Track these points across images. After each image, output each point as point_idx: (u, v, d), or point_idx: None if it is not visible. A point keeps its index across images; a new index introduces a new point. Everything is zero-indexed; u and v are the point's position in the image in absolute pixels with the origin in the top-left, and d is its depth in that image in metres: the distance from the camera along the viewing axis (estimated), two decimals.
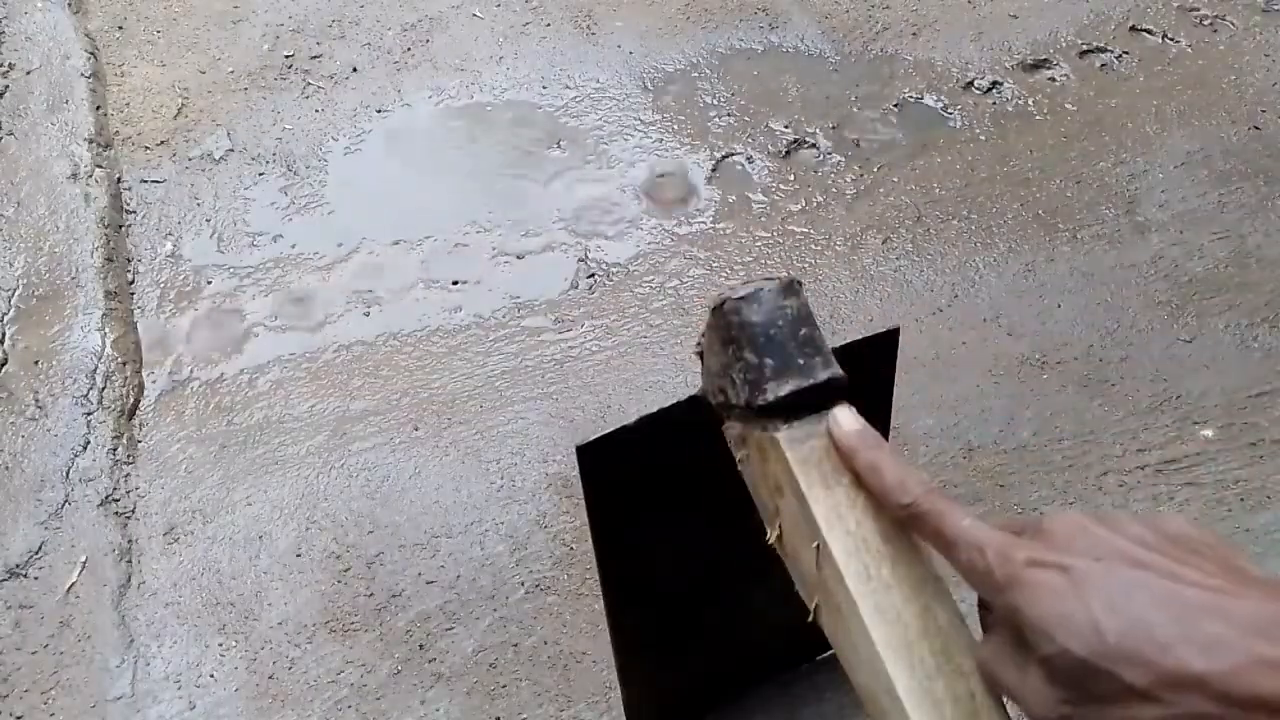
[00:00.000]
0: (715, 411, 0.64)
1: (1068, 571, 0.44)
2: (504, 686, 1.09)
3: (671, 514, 0.78)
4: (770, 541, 0.60)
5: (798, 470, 0.56)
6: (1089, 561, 0.44)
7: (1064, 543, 0.45)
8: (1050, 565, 0.44)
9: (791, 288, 0.59)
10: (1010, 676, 0.47)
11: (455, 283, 1.51)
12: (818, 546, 0.54)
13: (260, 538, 1.21)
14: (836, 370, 0.58)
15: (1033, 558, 0.45)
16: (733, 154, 1.70)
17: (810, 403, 0.57)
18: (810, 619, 0.57)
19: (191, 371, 1.39)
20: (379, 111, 1.77)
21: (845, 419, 0.56)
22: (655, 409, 0.69)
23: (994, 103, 1.79)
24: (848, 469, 0.55)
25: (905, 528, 0.52)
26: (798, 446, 0.56)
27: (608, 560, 0.79)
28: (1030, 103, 1.79)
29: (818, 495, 0.55)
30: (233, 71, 1.84)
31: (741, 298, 0.59)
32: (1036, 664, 0.45)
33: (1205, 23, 1.94)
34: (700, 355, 0.65)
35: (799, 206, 1.62)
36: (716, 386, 0.62)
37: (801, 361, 0.57)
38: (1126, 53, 1.88)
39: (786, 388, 0.57)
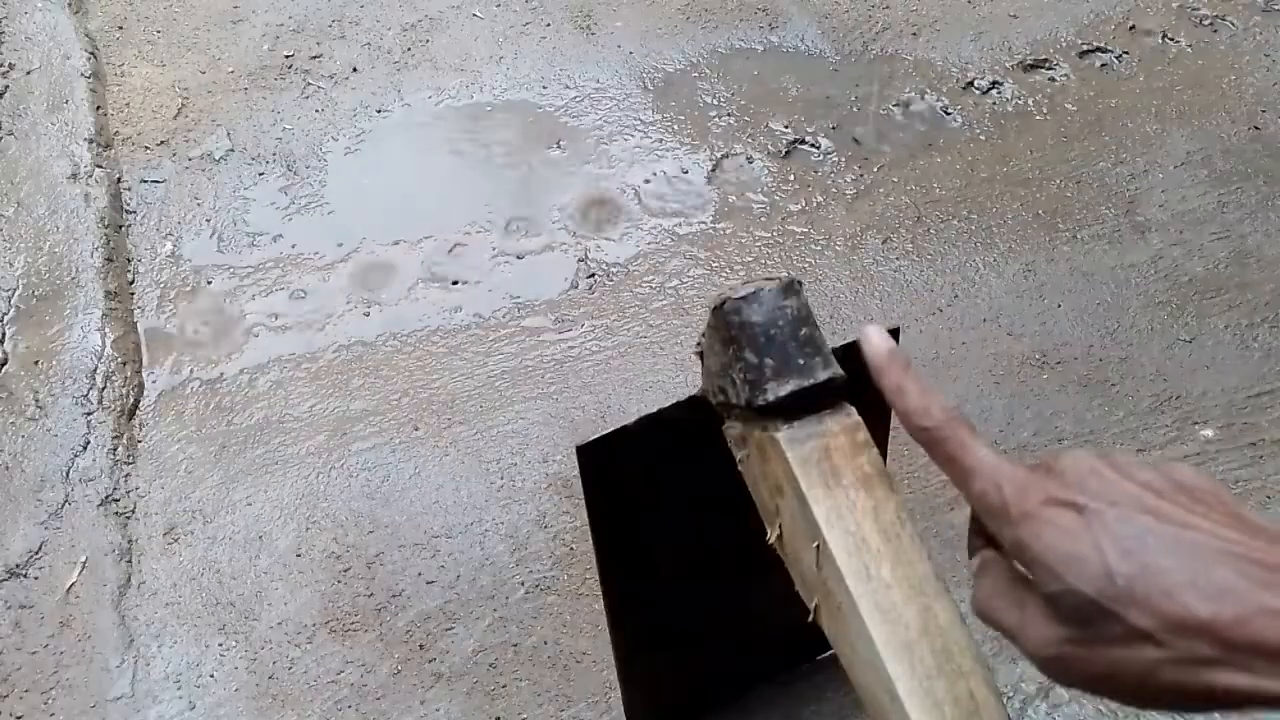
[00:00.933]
0: (716, 411, 0.64)
1: (1082, 512, 0.44)
2: (504, 686, 1.09)
3: (672, 514, 0.78)
4: (770, 541, 0.60)
5: (798, 470, 0.56)
6: (1103, 504, 0.44)
7: (1077, 482, 0.45)
8: (1065, 504, 0.45)
9: (792, 288, 0.59)
10: (1008, 614, 0.47)
11: (455, 283, 1.51)
12: (818, 546, 0.54)
13: (260, 538, 1.21)
14: (837, 370, 0.58)
15: (1049, 495, 0.45)
16: (733, 154, 1.70)
17: (810, 403, 0.57)
18: (810, 619, 0.57)
19: (191, 371, 1.39)
20: (379, 111, 1.77)
21: (876, 337, 0.55)
22: (655, 409, 0.69)
23: (994, 103, 1.79)
24: (880, 386, 0.53)
25: (925, 450, 0.51)
26: (798, 446, 0.56)
27: (608, 560, 0.79)
28: (1030, 103, 1.79)
29: (818, 495, 0.55)
30: (233, 71, 1.84)
31: (742, 298, 0.59)
32: (1040, 601, 0.45)
33: (1205, 23, 1.94)
34: (700, 355, 0.64)
35: (799, 206, 1.62)
36: (717, 386, 0.62)
37: (802, 361, 0.57)
38: (1126, 53, 1.88)
39: (787, 388, 0.57)
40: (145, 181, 1.64)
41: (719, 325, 0.60)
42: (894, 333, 0.60)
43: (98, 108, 1.72)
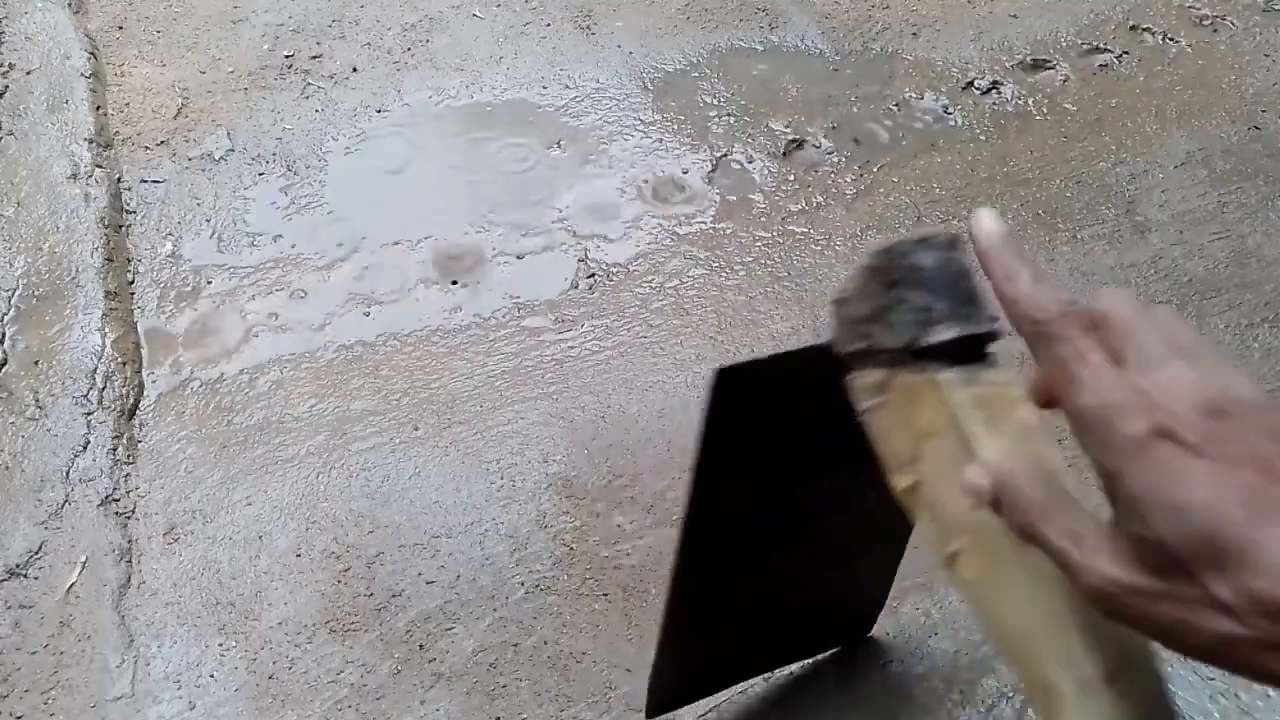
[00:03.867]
0: (840, 362, 0.64)
1: (1197, 457, 0.39)
2: (504, 686, 1.09)
3: (768, 463, 0.78)
4: (900, 489, 0.61)
5: (961, 412, 0.57)
6: (1222, 455, 0.39)
7: (1194, 420, 0.40)
8: (1180, 444, 0.40)
9: (956, 242, 0.61)
10: (1062, 537, 0.43)
11: (455, 283, 1.51)
12: None
13: (260, 538, 1.21)
14: (998, 324, 0.59)
15: (1162, 426, 0.40)
16: (733, 154, 1.70)
17: (971, 352, 0.59)
18: (945, 563, 0.58)
19: (191, 371, 1.39)
20: (379, 111, 1.77)
21: (988, 220, 0.52)
22: (786, 349, 0.70)
23: (994, 103, 1.79)
24: (989, 271, 0.51)
25: (1030, 347, 0.48)
26: (962, 389, 0.57)
27: (701, 496, 0.78)
28: (1030, 103, 1.79)
29: (984, 435, 0.56)
30: (233, 71, 1.84)
31: (916, 241, 0.60)
32: (1113, 536, 0.42)
33: (1205, 23, 1.94)
34: (839, 303, 0.65)
35: (799, 206, 1.62)
36: (861, 332, 0.62)
37: (969, 310, 0.59)
38: (1126, 53, 1.88)
39: (955, 331, 0.58)
40: (145, 181, 1.63)
41: (886, 268, 0.61)
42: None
43: (98, 108, 1.72)
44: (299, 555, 1.20)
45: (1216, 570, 0.38)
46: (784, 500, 0.82)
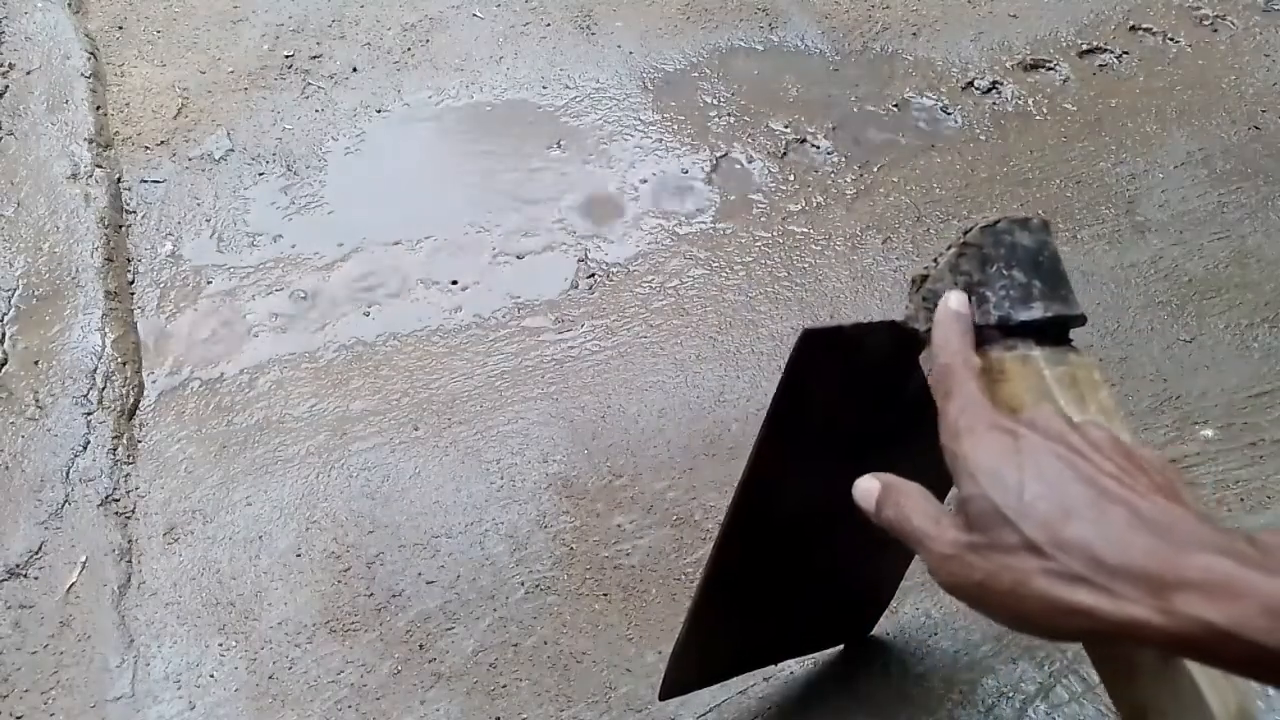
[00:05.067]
0: (914, 340, 0.66)
1: (1016, 439, 0.51)
2: (504, 686, 1.09)
3: (839, 431, 0.78)
4: None
5: (1055, 387, 0.59)
6: (1038, 440, 0.51)
7: (1030, 421, 0.52)
8: (1006, 431, 0.52)
9: (1048, 226, 0.64)
10: (921, 518, 0.53)
11: (455, 283, 1.51)
12: None
13: (260, 538, 1.21)
14: (1082, 311, 0.62)
15: (997, 422, 0.53)
16: (732, 154, 1.70)
17: (1059, 334, 0.62)
18: None
19: (191, 371, 1.39)
20: (379, 111, 1.77)
21: (955, 299, 0.63)
22: (865, 320, 0.71)
23: (994, 103, 1.79)
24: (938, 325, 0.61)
25: (933, 379, 0.59)
26: (1053, 366, 0.59)
27: (764, 463, 0.78)
28: (1030, 103, 1.79)
29: (1073, 412, 0.57)
30: (233, 71, 1.84)
31: (1015, 220, 0.63)
32: (957, 507, 0.51)
33: (1205, 23, 1.94)
34: (919, 280, 0.66)
35: (799, 206, 1.62)
36: None
37: (1061, 292, 0.62)
38: (1126, 53, 1.88)
39: (1052, 310, 0.61)
40: (145, 181, 1.63)
41: (984, 243, 0.63)
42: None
43: (98, 108, 1.72)
44: (299, 555, 1.20)
45: (1026, 516, 0.48)
46: (831, 485, 0.81)
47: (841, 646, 1.09)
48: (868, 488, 0.58)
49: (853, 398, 0.75)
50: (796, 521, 0.85)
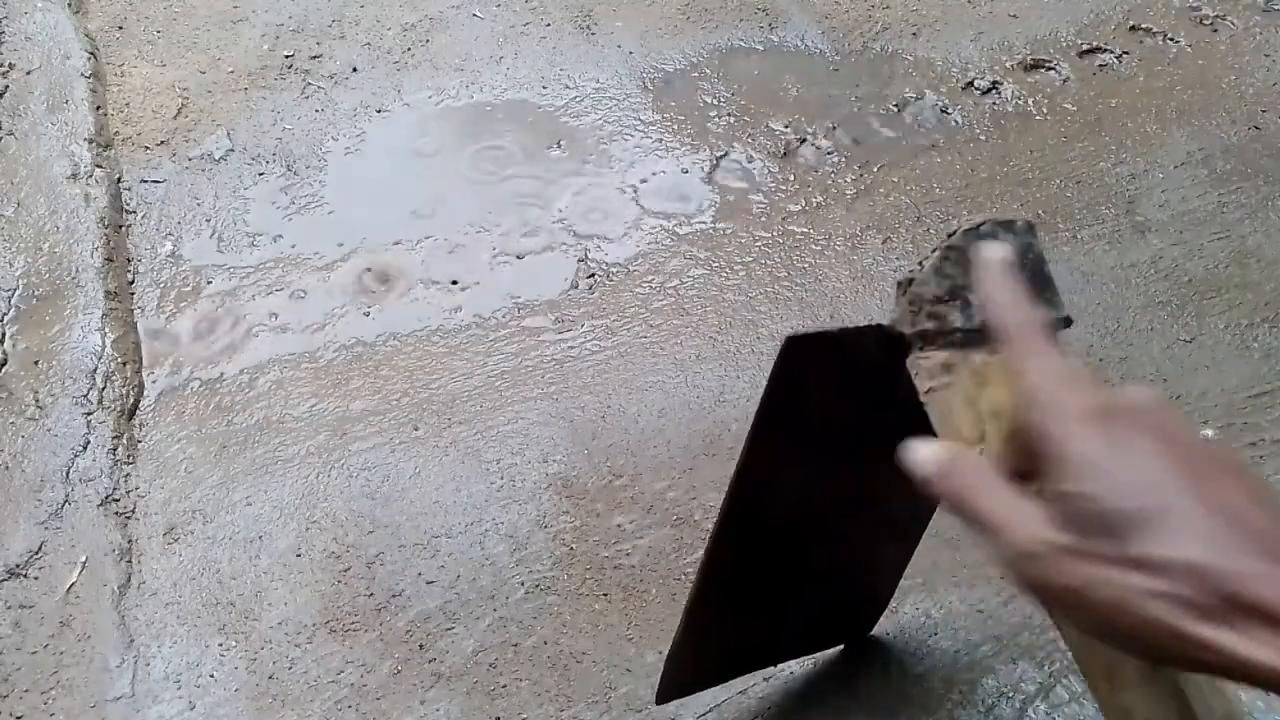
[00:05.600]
0: (902, 343, 0.65)
1: (1136, 434, 0.44)
2: (504, 686, 1.09)
3: (826, 436, 0.78)
4: None
5: None
6: (1160, 439, 0.44)
7: (1140, 410, 0.46)
8: (1120, 422, 0.45)
9: (1033, 228, 0.62)
10: (993, 504, 0.47)
11: (455, 283, 1.51)
12: None
13: (260, 538, 1.21)
14: (1068, 313, 0.61)
15: (1108, 407, 0.46)
16: (732, 154, 1.70)
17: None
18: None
19: (191, 371, 1.39)
20: (379, 111, 1.77)
21: (993, 248, 0.58)
22: (849, 325, 0.70)
23: (994, 103, 1.79)
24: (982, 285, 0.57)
25: (1001, 338, 0.54)
26: None
27: (752, 469, 0.78)
28: (1030, 103, 1.79)
29: None
30: (233, 71, 1.84)
31: (998, 222, 0.61)
32: (1046, 497, 0.45)
33: (1205, 23, 1.94)
34: (905, 284, 0.65)
35: (799, 206, 1.62)
36: (931, 313, 0.63)
37: (1045, 295, 0.60)
38: (1126, 53, 1.88)
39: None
40: (145, 181, 1.63)
41: (967, 246, 0.61)
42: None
43: (98, 108, 1.72)
44: (299, 555, 1.20)
45: (1143, 530, 0.41)
46: (826, 482, 0.82)
47: (841, 647, 1.09)
48: (927, 455, 0.51)
49: (840, 402, 0.74)
50: (788, 523, 0.85)
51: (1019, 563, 0.45)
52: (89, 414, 1.31)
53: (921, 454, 0.51)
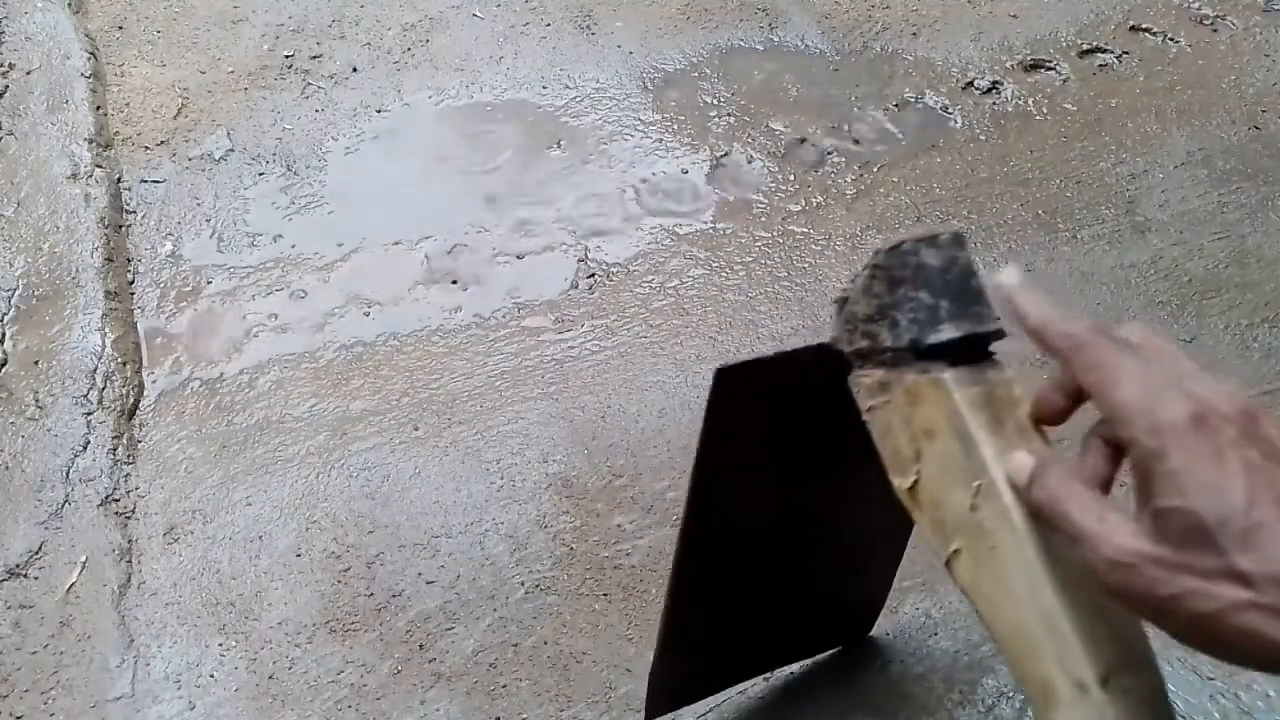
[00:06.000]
0: (842, 361, 0.64)
1: (1234, 446, 0.44)
2: (504, 686, 1.09)
3: (772, 459, 0.78)
4: (901, 489, 0.61)
5: (965, 410, 0.57)
6: (1256, 449, 0.44)
7: (1232, 416, 0.46)
8: (1218, 432, 0.45)
9: (961, 240, 0.61)
10: (1085, 513, 0.48)
11: (455, 283, 1.51)
12: (980, 486, 0.55)
13: (260, 538, 1.21)
14: (1001, 324, 0.60)
15: (1203, 416, 0.45)
16: (732, 154, 1.70)
17: (973, 352, 0.59)
18: (944, 563, 0.58)
19: (191, 371, 1.39)
20: (379, 111, 1.77)
21: (1011, 272, 0.57)
22: (786, 349, 0.70)
23: (994, 103, 1.79)
24: (1019, 309, 0.55)
25: (1068, 359, 0.52)
26: (964, 389, 0.58)
27: (701, 497, 0.78)
28: (1030, 103, 1.79)
29: (984, 436, 0.56)
30: (233, 71, 1.84)
31: (921, 239, 0.60)
32: (1138, 513, 0.46)
33: (1205, 23, 1.94)
34: (841, 302, 0.65)
35: (799, 206, 1.62)
36: (864, 331, 0.62)
37: (973, 309, 0.59)
38: (1126, 53, 1.88)
39: (960, 330, 0.58)
40: (145, 181, 1.64)
41: (892, 265, 0.61)
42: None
43: (98, 108, 1.72)
44: (299, 555, 1.20)
45: (1241, 543, 0.42)
46: (786, 500, 0.82)
47: (840, 648, 1.09)
48: (1017, 465, 0.53)
49: (788, 422, 0.74)
50: (752, 540, 0.85)
51: (1109, 574, 0.46)
52: (89, 414, 1.31)
53: (1012, 463, 0.53)
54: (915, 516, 0.61)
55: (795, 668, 1.07)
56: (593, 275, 1.51)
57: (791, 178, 1.66)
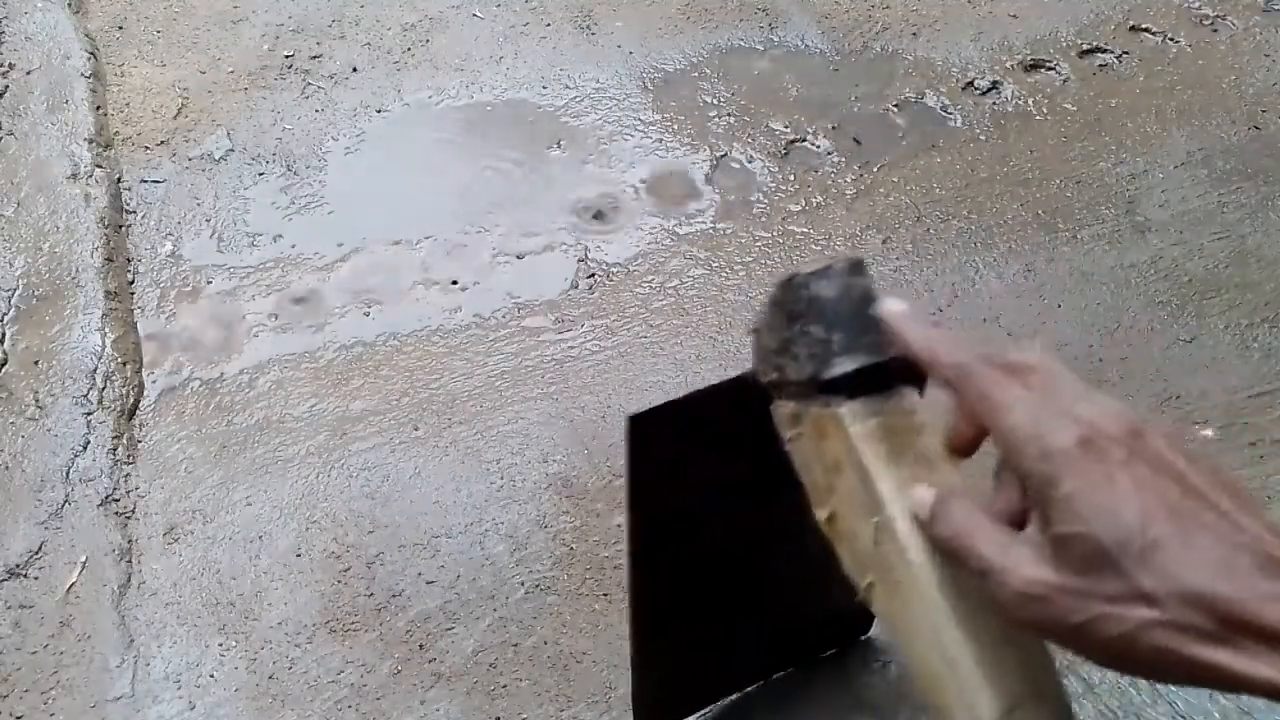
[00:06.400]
0: (764, 391, 0.64)
1: (1123, 466, 0.44)
2: (504, 686, 1.09)
3: (708, 493, 0.78)
4: (821, 521, 0.60)
5: (861, 446, 0.56)
6: (1144, 465, 0.44)
7: (1118, 436, 0.45)
8: (1106, 453, 0.45)
9: (860, 267, 0.60)
10: (989, 547, 0.47)
11: (455, 283, 1.51)
12: (878, 522, 0.55)
13: (260, 538, 1.21)
14: (892, 355, 0.58)
15: (1090, 439, 0.45)
16: (732, 154, 1.70)
17: (874, 382, 0.58)
18: (860, 596, 0.57)
19: (191, 371, 1.39)
20: (379, 111, 1.77)
21: (893, 305, 0.57)
22: (704, 385, 0.69)
23: (994, 103, 1.79)
24: (908, 342, 0.54)
25: (956, 391, 0.52)
26: (861, 422, 0.57)
27: (641, 534, 0.78)
28: (1030, 103, 1.79)
29: (881, 471, 0.55)
30: (233, 71, 1.84)
31: (812, 273, 0.59)
32: (1038, 542, 0.46)
33: (1205, 23, 1.94)
34: (755, 334, 0.64)
35: (799, 206, 1.62)
36: (773, 364, 0.62)
37: (869, 339, 0.58)
38: (1126, 53, 1.88)
39: (855, 363, 0.57)
40: (145, 181, 1.64)
41: (786, 300, 0.60)
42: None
43: (98, 108, 1.72)
44: (299, 555, 1.20)
45: (1141, 563, 0.42)
46: (741, 521, 0.81)
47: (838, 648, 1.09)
48: (920, 500, 0.52)
49: (722, 451, 0.73)
50: (710, 562, 0.84)
51: (1023, 605, 0.46)
52: (89, 414, 1.31)
53: (914, 499, 0.53)
54: (836, 547, 0.60)
55: (794, 668, 1.07)
56: (593, 275, 1.51)
57: (791, 177, 1.66)
